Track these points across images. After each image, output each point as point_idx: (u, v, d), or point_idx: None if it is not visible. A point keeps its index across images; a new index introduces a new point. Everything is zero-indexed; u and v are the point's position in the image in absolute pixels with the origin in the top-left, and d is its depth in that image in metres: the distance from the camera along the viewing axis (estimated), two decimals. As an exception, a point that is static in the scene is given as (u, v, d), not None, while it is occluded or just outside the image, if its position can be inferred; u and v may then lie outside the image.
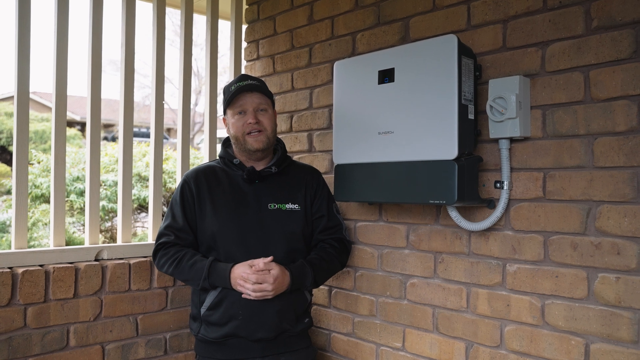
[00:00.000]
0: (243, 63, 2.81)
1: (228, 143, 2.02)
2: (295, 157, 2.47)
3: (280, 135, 2.52)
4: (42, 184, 6.53)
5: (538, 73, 1.70)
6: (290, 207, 1.94)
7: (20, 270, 1.95)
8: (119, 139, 2.37)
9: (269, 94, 1.95)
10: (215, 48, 2.68)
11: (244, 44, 2.80)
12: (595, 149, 1.58)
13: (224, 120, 1.99)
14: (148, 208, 2.52)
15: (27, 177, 2.08)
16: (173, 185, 6.34)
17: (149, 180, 2.47)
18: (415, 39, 2.02)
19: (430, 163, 1.75)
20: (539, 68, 1.69)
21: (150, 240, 2.40)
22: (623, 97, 1.53)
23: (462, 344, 1.87)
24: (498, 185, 1.76)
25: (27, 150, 2.07)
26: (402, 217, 2.07)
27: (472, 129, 1.77)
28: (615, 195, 1.53)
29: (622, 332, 1.51)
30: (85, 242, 2.23)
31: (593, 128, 1.58)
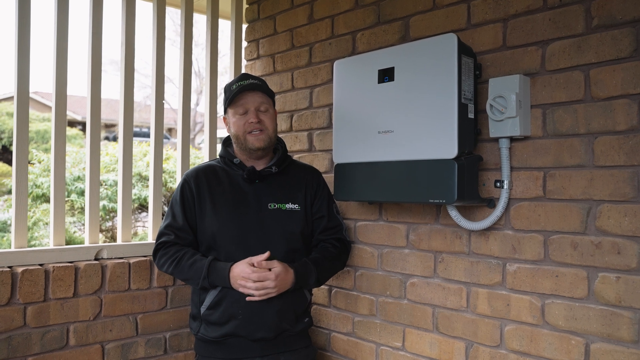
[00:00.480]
0: (243, 62, 2.81)
1: (228, 142, 2.02)
2: (296, 156, 2.47)
3: (281, 135, 2.52)
4: (43, 184, 6.53)
5: (538, 72, 1.69)
6: (290, 207, 1.94)
7: (20, 270, 1.95)
8: (119, 139, 2.37)
9: (271, 94, 1.94)
10: (216, 47, 2.68)
11: (244, 44, 2.80)
12: (596, 148, 1.57)
13: (225, 120, 1.98)
14: (148, 207, 2.52)
15: (27, 176, 2.08)
16: (173, 185, 6.34)
17: (149, 180, 2.47)
18: (415, 38, 2.02)
19: (430, 162, 1.75)
20: (539, 67, 1.69)
21: (150, 240, 2.40)
22: (623, 96, 1.52)
23: (462, 344, 1.87)
24: (498, 185, 1.76)
25: (27, 150, 2.07)
26: (402, 216, 2.07)
27: (472, 128, 1.77)
28: (616, 195, 1.53)
29: (622, 331, 1.51)
30: (85, 241, 2.23)
31: (593, 127, 1.58)
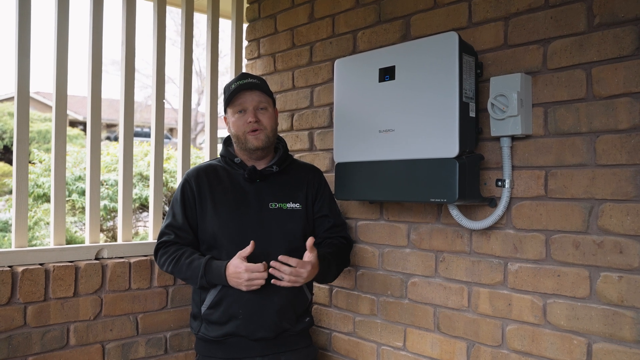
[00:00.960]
0: (244, 62, 2.80)
1: (229, 142, 2.01)
2: (296, 155, 2.47)
3: (281, 134, 2.51)
4: (44, 184, 6.54)
5: (540, 70, 1.68)
6: (291, 206, 1.93)
7: (21, 269, 1.95)
8: (120, 139, 2.36)
9: (269, 93, 1.94)
10: (216, 47, 2.67)
11: (245, 43, 2.80)
12: (598, 147, 1.56)
13: (225, 119, 1.98)
14: (149, 207, 2.52)
15: (27, 175, 2.08)
16: (174, 185, 6.34)
17: (150, 180, 2.47)
18: (416, 37, 2.02)
19: (431, 161, 1.75)
20: (541, 65, 1.68)
21: (151, 240, 2.40)
22: (625, 94, 1.51)
23: (463, 344, 1.86)
24: (499, 184, 1.75)
25: (27, 149, 2.07)
26: (403, 215, 2.07)
27: (473, 127, 1.76)
28: (618, 194, 1.52)
29: (624, 331, 1.50)
30: (86, 241, 2.23)
31: (595, 126, 1.57)
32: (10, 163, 10.91)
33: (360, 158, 1.97)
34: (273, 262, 1.75)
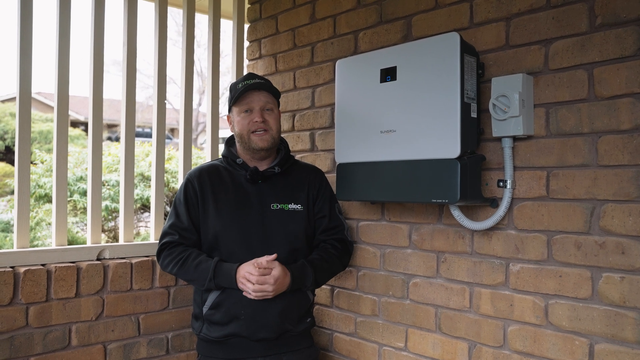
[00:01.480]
0: (245, 62, 2.80)
1: (231, 142, 2.01)
2: (298, 156, 2.47)
3: (283, 135, 2.51)
4: (45, 184, 6.55)
5: (541, 71, 1.68)
6: (293, 207, 1.93)
7: (22, 270, 1.95)
8: (121, 139, 2.37)
9: (276, 94, 1.94)
10: (218, 47, 2.68)
11: (246, 43, 2.80)
12: (599, 147, 1.56)
13: (229, 118, 1.98)
14: (150, 208, 2.52)
15: (29, 176, 2.08)
16: (176, 185, 6.34)
17: (152, 180, 2.47)
18: (418, 37, 2.01)
19: (433, 162, 1.74)
20: (542, 66, 1.68)
21: (153, 240, 2.40)
22: (627, 94, 1.51)
23: (465, 344, 1.86)
24: (501, 184, 1.75)
25: (29, 149, 2.07)
26: (404, 216, 2.06)
27: (474, 128, 1.76)
28: (620, 194, 1.52)
29: (627, 332, 1.50)
30: (88, 241, 2.23)
31: (597, 126, 1.57)
32: (12, 163, 10.92)
33: (362, 158, 1.97)
34: (243, 278, 1.77)
